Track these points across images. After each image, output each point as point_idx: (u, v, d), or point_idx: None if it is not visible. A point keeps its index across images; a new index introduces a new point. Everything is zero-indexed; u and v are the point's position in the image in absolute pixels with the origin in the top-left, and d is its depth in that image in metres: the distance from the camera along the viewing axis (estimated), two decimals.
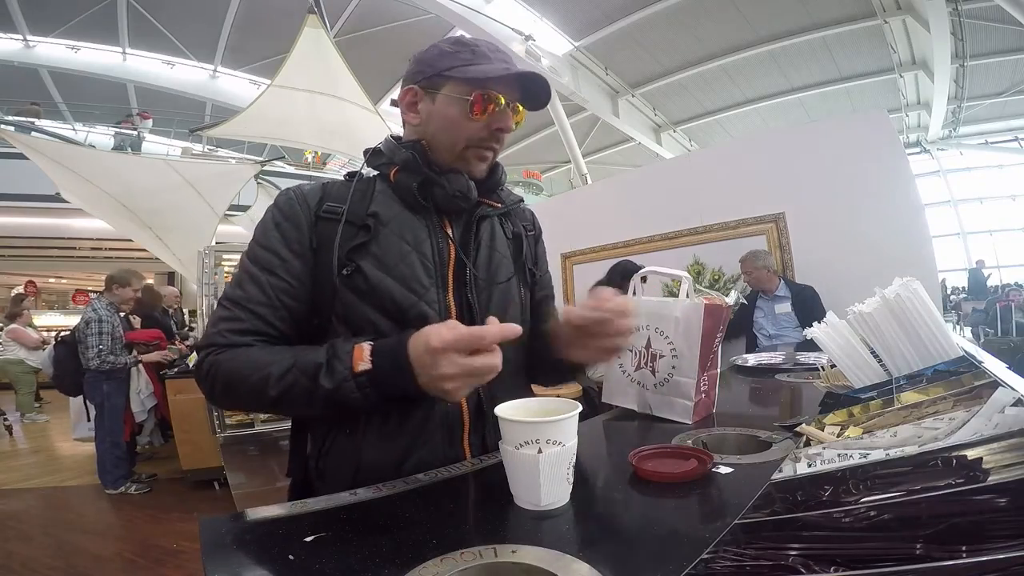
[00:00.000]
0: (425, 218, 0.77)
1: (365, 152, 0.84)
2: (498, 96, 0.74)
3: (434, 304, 0.75)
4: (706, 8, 8.67)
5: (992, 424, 0.45)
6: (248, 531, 0.51)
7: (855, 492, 0.41)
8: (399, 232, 0.75)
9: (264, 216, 0.77)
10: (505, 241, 0.86)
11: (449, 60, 0.75)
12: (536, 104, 0.79)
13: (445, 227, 0.79)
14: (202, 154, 9.49)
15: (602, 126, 12.25)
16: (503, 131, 0.76)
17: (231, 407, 0.67)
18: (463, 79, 0.73)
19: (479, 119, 0.74)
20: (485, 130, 0.75)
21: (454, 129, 0.75)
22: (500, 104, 0.74)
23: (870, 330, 0.90)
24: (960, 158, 13.20)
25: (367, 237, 0.74)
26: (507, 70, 0.73)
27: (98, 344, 3.27)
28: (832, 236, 3.24)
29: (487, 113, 0.74)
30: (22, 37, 10.25)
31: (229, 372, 0.68)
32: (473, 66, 0.73)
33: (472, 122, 0.74)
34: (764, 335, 3.08)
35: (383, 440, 0.72)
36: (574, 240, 4.71)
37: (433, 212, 0.78)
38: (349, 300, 0.72)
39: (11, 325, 6.19)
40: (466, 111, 0.73)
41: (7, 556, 2.53)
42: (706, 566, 0.37)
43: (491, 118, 0.75)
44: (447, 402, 0.74)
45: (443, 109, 0.75)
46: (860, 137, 3.22)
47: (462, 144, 0.76)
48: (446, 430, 0.74)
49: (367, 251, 0.73)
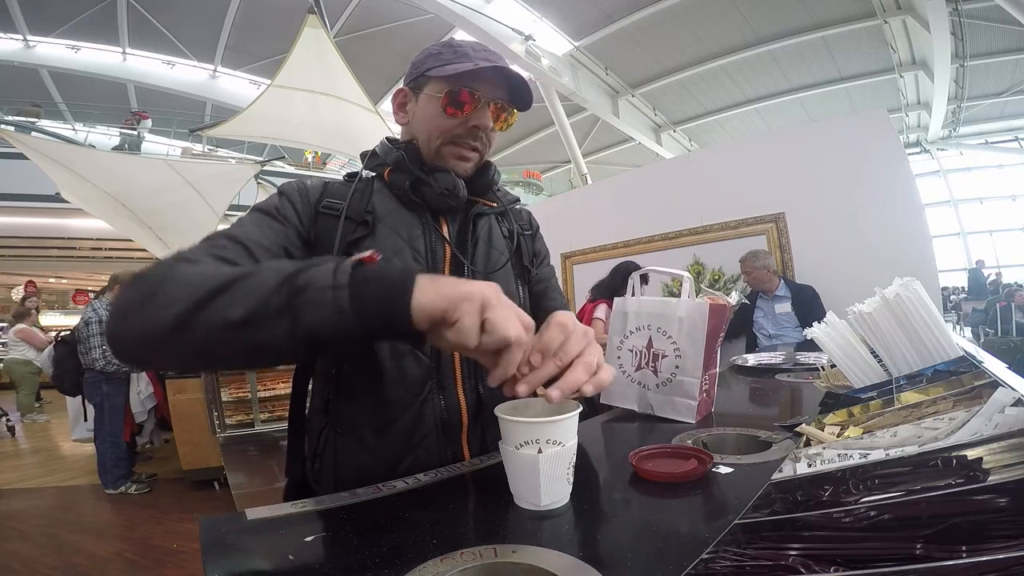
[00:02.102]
0: (419, 216, 0.78)
1: (362, 156, 0.85)
2: (472, 93, 0.73)
3: None
4: (706, 8, 8.68)
5: (992, 424, 0.45)
6: (248, 531, 0.50)
7: (855, 492, 0.41)
8: (394, 228, 0.76)
9: (268, 197, 0.77)
10: (503, 239, 0.86)
11: (432, 61, 0.76)
12: (519, 103, 0.78)
13: (440, 226, 0.79)
14: (202, 154, 9.49)
15: (602, 126, 12.26)
16: (480, 128, 0.76)
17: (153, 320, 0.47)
18: (440, 77, 0.74)
19: (455, 116, 0.74)
20: (462, 127, 0.76)
21: (430, 126, 0.77)
22: (475, 101, 0.74)
23: (870, 330, 0.90)
24: (960, 158, 13.22)
25: (366, 232, 0.74)
26: (475, 65, 0.72)
27: (101, 344, 3.27)
28: (832, 236, 3.24)
29: (461, 110, 0.74)
30: (22, 37, 10.26)
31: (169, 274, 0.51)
32: (450, 64, 0.74)
33: (447, 119, 0.75)
34: (764, 335, 3.08)
35: (379, 439, 0.71)
36: (574, 240, 4.71)
37: (427, 210, 0.78)
38: None
39: (19, 325, 6.16)
40: (440, 108, 0.74)
41: (7, 556, 2.53)
42: (706, 566, 0.37)
43: (466, 115, 0.75)
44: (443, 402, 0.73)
45: (423, 108, 0.77)
46: (860, 137, 3.22)
47: (437, 141, 0.77)
48: (444, 429, 0.73)
49: (364, 246, 0.73)
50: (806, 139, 3.55)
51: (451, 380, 0.75)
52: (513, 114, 0.79)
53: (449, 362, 0.75)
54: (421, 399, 0.73)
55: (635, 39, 9.58)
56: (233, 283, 0.48)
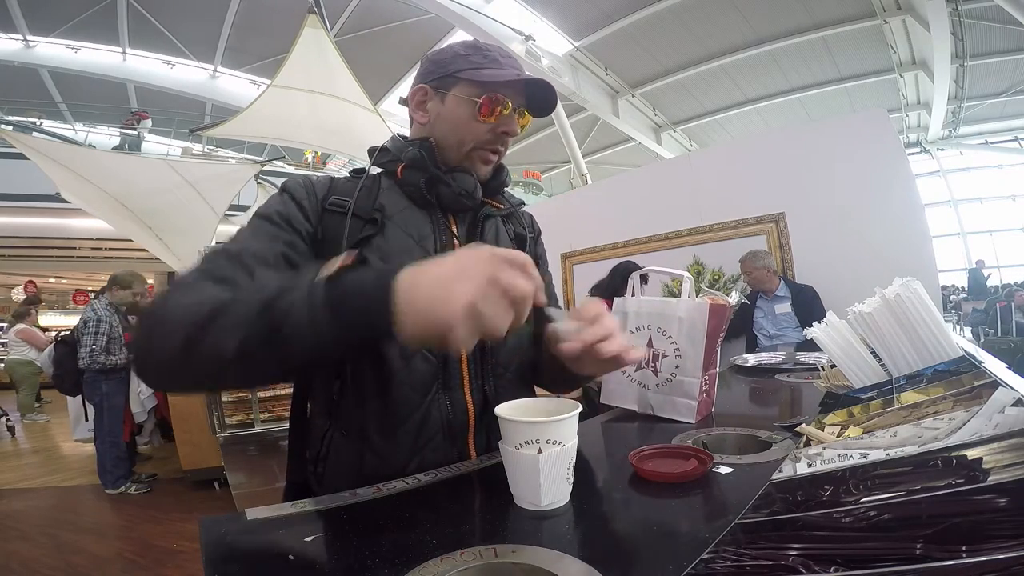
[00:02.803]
0: (430, 214, 0.77)
1: (370, 151, 0.84)
2: (506, 100, 0.75)
3: None
4: (706, 8, 8.68)
5: (992, 424, 0.45)
6: (248, 531, 0.51)
7: (855, 492, 0.41)
8: (404, 226, 0.75)
9: (270, 197, 0.75)
10: (509, 242, 0.86)
11: (461, 62, 0.76)
12: (543, 111, 0.80)
13: (451, 225, 0.79)
14: (202, 154, 9.50)
15: (602, 126, 12.25)
16: (508, 134, 0.78)
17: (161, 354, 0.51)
18: (474, 81, 0.74)
19: (487, 121, 0.75)
20: (491, 132, 0.76)
21: (462, 129, 0.76)
22: (507, 108, 0.75)
23: (870, 330, 0.90)
24: (960, 158, 13.22)
25: (374, 230, 0.73)
26: (518, 75, 0.74)
27: (91, 344, 3.28)
28: (832, 236, 3.24)
29: (495, 116, 0.75)
30: (22, 37, 10.26)
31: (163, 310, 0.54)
32: (485, 69, 0.74)
33: (479, 124, 0.75)
34: (764, 335, 3.08)
35: (386, 441, 0.70)
36: (574, 240, 4.71)
37: (438, 209, 0.78)
38: None
39: (20, 325, 6.14)
40: (474, 112, 0.74)
41: (7, 556, 2.53)
42: (706, 566, 0.37)
43: (498, 121, 0.76)
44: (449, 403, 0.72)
45: (452, 109, 0.76)
46: (860, 137, 3.22)
47: (469, 145, 0.77)
48: (450, 430, 0.72)
49: (372, 244, 0.72)
50: (806, 139, 3.55)
51: (458, 380, 0.74)
52: (528, 119, 0.81)
53: (456, 362, 0.74)
54: (429, 399, 0.72)
55: (635, 39, 9.58)
56: (217, 315, 0.48)
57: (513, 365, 0.80)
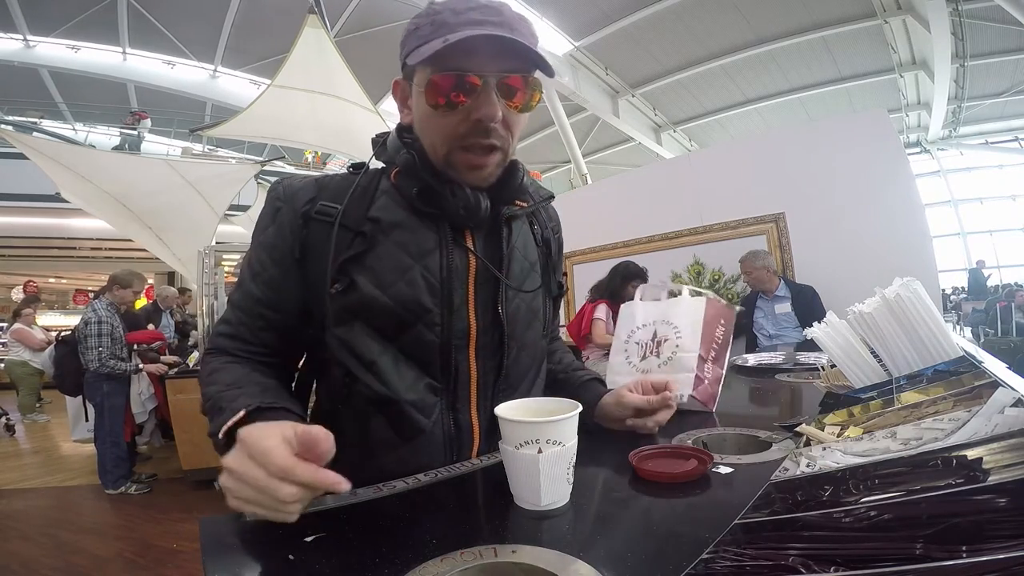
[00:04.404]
0: (436, 225, 0.65)
1: (373, 142, 0.73)
2: (462, 75, 0.56)
3: (436, 328, 0.65)
4: (706, 8, 8.67)
5: (992, 424, 0.45)
6: (248, 531, 0.51)
7: (855, 492, 0.41)
8: (401, 242, 0.64)
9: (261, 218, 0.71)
10: (535, 248, 0.76)
11: (412, 41, 0.60)
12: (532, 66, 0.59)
13: (465, 237, 0.67)
14: (202, 154, 9.51)
15: (602, 126, 12.25)
16: (485, 120, 0.57)
17: None
18: (423, 63, 0.57)
19: (448, 112, 0.58)
20: (464, 124, 0.59)
21: (429, 130, 0.62)
22: (467, 86, 0.56)
23: (870, 330, 0.90)
24: (960, 158, 13.21)
25: (363, 247, 0.63)
26: (443, 42, 0.53)
27: (98, 345, 3.27)
28: (832, 236, 3.24)
29: (453, 101, 0.57)
30: (22, 37, 10.26)
31: (201, 378, 0.67)
32: (426, 44, 0.56)
33: (440, 116, 0.59)
34: (764, 335, 3.08)
35: (386, 456, 0.67)
36: (574, 240, 4.71)
37: (444, 220, 0.66)
38: (342, 318, 0.64)
39: (16, 325, 6.07)
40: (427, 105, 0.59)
41: (7, 556, 2.53)
42: (706, 566, 0.37)
43: (466, 107, 0.57)
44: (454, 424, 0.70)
45: (417, 105, 0.63)
46: (860, 137, 3.22)
47: (443, 147, 0.62)
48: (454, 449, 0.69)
49: (363, 264, 0.63)
50: (806, 139, 3.55)
51: (465, 402, 0.70)
52: (532, 83, 0.60)
53: (466, 385, 0.69)
54: (433, 420, 0.67)
55: (635, 39, 9.57)
56: (205, 412, 0.60)
57: (523, 385, 0.76)
